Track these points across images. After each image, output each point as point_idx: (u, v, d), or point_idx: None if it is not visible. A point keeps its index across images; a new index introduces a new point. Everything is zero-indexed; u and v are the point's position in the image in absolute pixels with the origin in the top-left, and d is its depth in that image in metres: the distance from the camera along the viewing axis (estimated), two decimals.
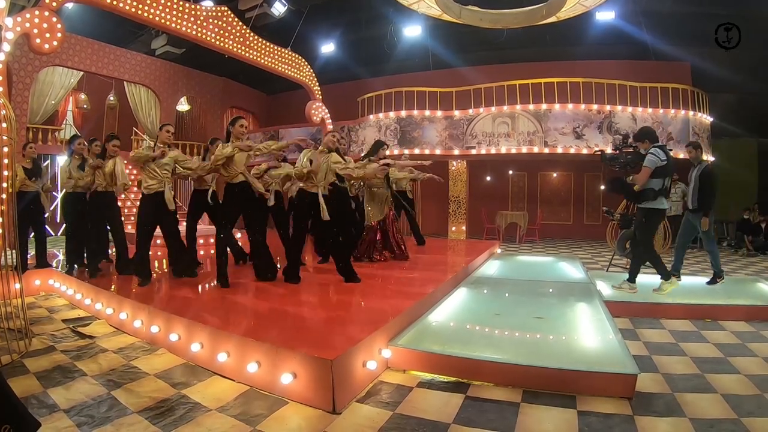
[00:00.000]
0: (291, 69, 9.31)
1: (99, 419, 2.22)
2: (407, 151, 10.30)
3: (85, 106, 12.90)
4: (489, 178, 13.01)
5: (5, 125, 3.34)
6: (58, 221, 10.50)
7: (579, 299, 4.21)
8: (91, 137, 5.34)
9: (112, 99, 13.24)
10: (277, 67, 8.94)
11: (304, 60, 9.67)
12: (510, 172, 12.97)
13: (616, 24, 10.23)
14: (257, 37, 8.42)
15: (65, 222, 5.32)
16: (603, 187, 11.78)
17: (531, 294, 4.54)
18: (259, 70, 9.05)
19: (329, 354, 2.40)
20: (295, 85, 10.22)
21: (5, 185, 3.36)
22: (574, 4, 7.80)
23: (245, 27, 8.16)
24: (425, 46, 12.23)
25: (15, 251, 3.55)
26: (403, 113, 10.70)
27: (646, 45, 10.77)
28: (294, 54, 9.41)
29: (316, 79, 10.03)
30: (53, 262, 5.52)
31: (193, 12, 7.10)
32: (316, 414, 2.30)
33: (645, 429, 2.14)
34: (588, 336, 3.27)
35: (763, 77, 10.53)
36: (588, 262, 7.58)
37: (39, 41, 5.06)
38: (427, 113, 10.62)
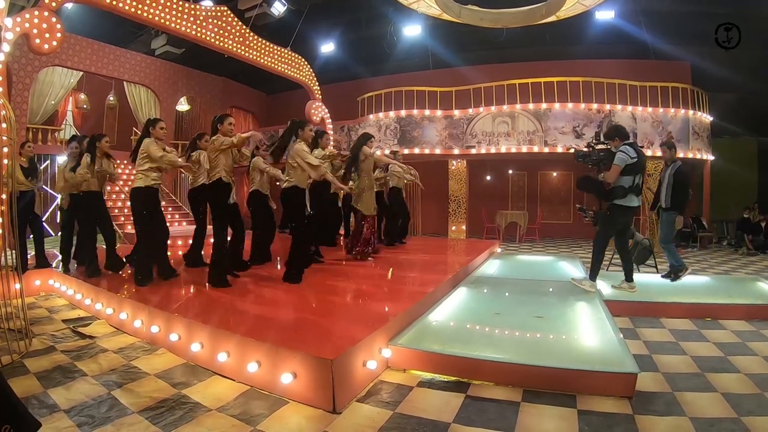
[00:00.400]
0: (291, 69, 9.31)
1: (99, 419, 2.22)
2: (407, 151, 10.34)
3: (85, 106, 12.89)
4: (489, 177, 13.01)
5: (5, 125, 3.34)
6: (58, 221, 10.49)
7: (579, 298, 4.21)
8: (100, 133, 5.31)
9: (111, 99, 13.24)
10: (277, 67, 8.93)
11: (303, 60, 9.67)
12: (510, 171, 12.97)
13: (615, 23, 10.23)
14: (257, 37, 8.42)
15: (62, 222, 5.33)
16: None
17: (531, 293, 4.54)
18: (259, 69, 9.05)
19: (329, 354, 2.40)
20: (295, 85, 10.21)
21: (5, 185, 3.36)
22: (573, 3, 7.80)
23: (245, 27, 8.15)
24: (425, 45, 12.23)
25: (15, 251, 3.55)
26: (403, 113, 10.69)
27: (645, 44, 10.77)
28: (294, 54, 9.40)
29: (315, 79, 10.02)
30: (53, 262, 5.51)
31: (193, 12, 7.09)
32: (316, 414, 2.30)
33: (645, 428, 2.14)
34: (588, 335, 3.27)
35: (763, 77, 10.52)
36: (588, 261, 7.52)
37: (39, 41, 5.06)
38: (427, 113, 10.61)
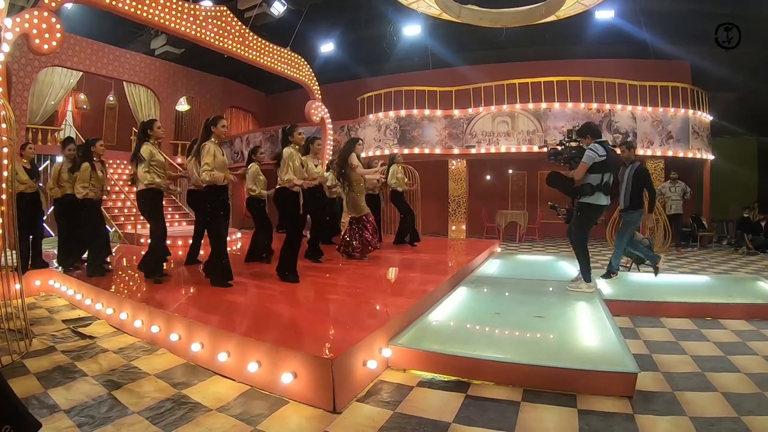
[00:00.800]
0: (290, 68, 9.30)
1: (99, 419, 2.22)
2: (407, 150, 10.34)
3: (85, 106, 12.90)
4: (489, 177, 13.01)
5: (5, 126, 3.33)
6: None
7: (579, 298, 4.20)
8: (95, 137, 5.33)
9: (111, 99, 13.25)
10: (277, 67, 8.92)
11: (303, 59, 9.65)
12: (510, 171, 12.97)
13: (615, 23, 10.23)
14: (256, 37, 8.40)
15: (58, 223, 5.33)
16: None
17: (531, 293, 4.53)
18: (259, 69, 9.03)
19: (329, 353, 2.40)
20: (295, 85, 10.20)
21: (5, 186, 3.36)
22: (573, 2, 7.80)
23: (244, 27, 8.14)
24: (425, 45, 12.23)
25: (15, 252, 3.54)
26: (403, 112, 10.70)
27: (645, 44, 10.78)
28: (293, 53, 9.39)
29: (315, 79, 10.01)
30: (53, 262, 5.51)
31: (193, 12, 7.08)
32: (316, 413, 2.30)
33: (645, 428, 2.14)
34: (588, 335, 3.27)
35: (763, 76, 10.53)
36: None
37: (38, 42, 5.05)
38: (427, 112, 10.61)
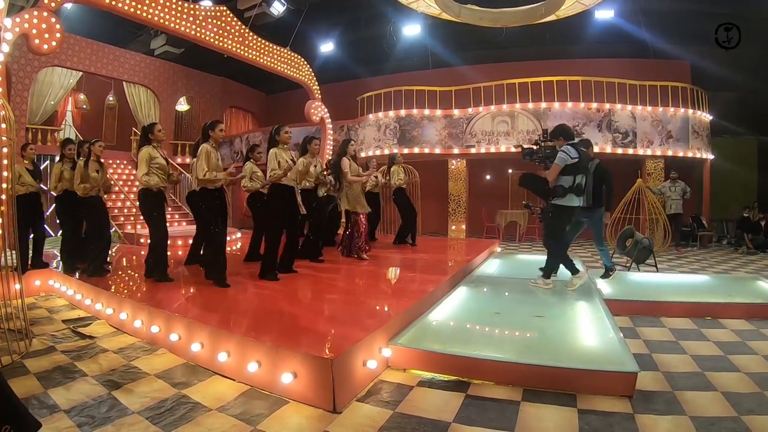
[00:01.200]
0: (290, 68, 9.30)
1: (99, 419, 2.22)
2: (407, 150, 10.34)
3: (85, 106, 12.90)
4: (489, 176, 12.99)
5: (5, 126, 3.33)
6: (58, 222, 10.50)
7: (579, 298, 4.20)
8: (94, 138, 5.34)
9: (111, 99, 13.25)
10: (277, 67, 8.92)
11: (303, 59, 9.65)
12: (510, 170, 12.95)
13: (615, 22, 10.23)
14: (256, 37, 8.40)
15: (61, 223, 5.33)
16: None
17: (531, 293, 4.53)
18: (259, 69, 9.04)
19: (329, 353, 2.40)
20: (295, 85, 10.21)
21: (5, 186, 3.36)
22: (573, 2, 7.80)
23: (244, 26, 8.14)
24: (424, 45, 12.23)
25: (15, 252, 3.54)
26: (403, 112, 10.69)
27: (645, 43, 10.78)
28: (293, 53, 9.39)
29: (315, 79, 10.01)
30: (53, 262, 5.51)
31: (192, 12, 7.08)
32: (316, 413, 2.30)
33: (645, 427, 2.14)
34: (588, 334, 3.27)
35: (763, 76, 10.53)
36: (588, 260, 7.58)
37: (38, 42, 5.05)
38: (427, 112, 10.61)
